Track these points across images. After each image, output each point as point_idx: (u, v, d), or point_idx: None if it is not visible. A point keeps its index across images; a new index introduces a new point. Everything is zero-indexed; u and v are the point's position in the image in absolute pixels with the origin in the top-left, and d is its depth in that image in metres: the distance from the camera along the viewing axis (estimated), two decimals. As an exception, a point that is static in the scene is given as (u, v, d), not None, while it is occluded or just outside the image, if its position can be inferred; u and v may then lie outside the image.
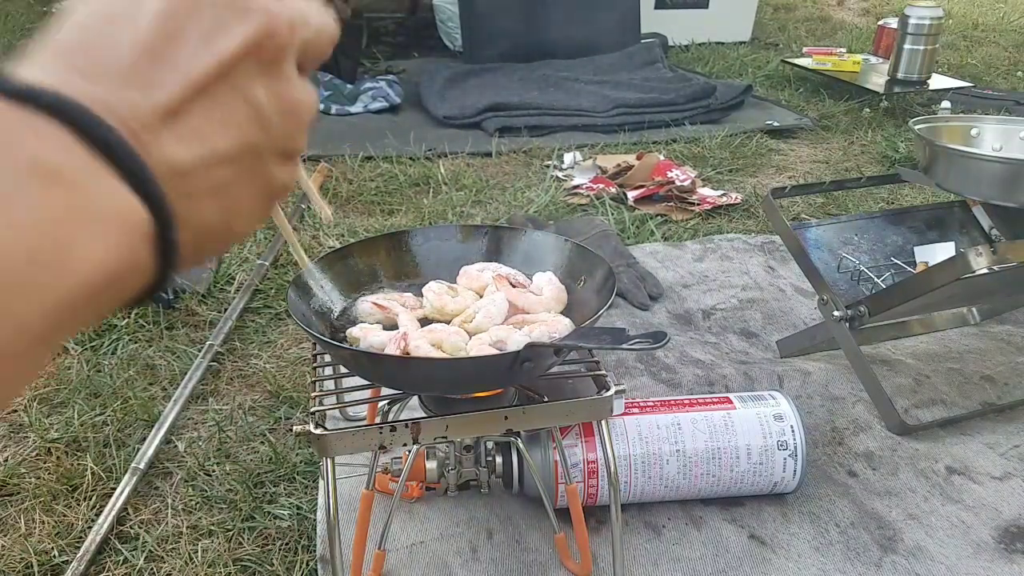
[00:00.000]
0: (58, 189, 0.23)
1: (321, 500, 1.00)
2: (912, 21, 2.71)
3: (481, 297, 0.82)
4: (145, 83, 0.26)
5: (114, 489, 1.02)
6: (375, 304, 0.80)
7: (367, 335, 0.76)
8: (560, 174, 2.15)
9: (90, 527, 0.96)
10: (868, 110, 2.73)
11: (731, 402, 0.99)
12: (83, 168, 0.24)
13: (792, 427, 0.97)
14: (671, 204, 1.97)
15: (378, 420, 0.83)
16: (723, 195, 2.01)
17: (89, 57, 0.26)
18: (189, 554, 0.94)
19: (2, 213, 0.22)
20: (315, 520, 0.98)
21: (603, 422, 0.79)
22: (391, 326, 0.79)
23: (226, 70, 0.28)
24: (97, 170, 0.24)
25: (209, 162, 0.28)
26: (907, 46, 2.74)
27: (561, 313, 0.80)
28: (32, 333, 0.23)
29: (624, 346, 0.62)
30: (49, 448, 1.10)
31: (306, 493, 1.03)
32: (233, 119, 0.29)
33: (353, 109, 2.64)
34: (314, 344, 0.84)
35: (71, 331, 0.24)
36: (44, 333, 0.23)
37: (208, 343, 1.32)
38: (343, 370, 0.82)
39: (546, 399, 0.76)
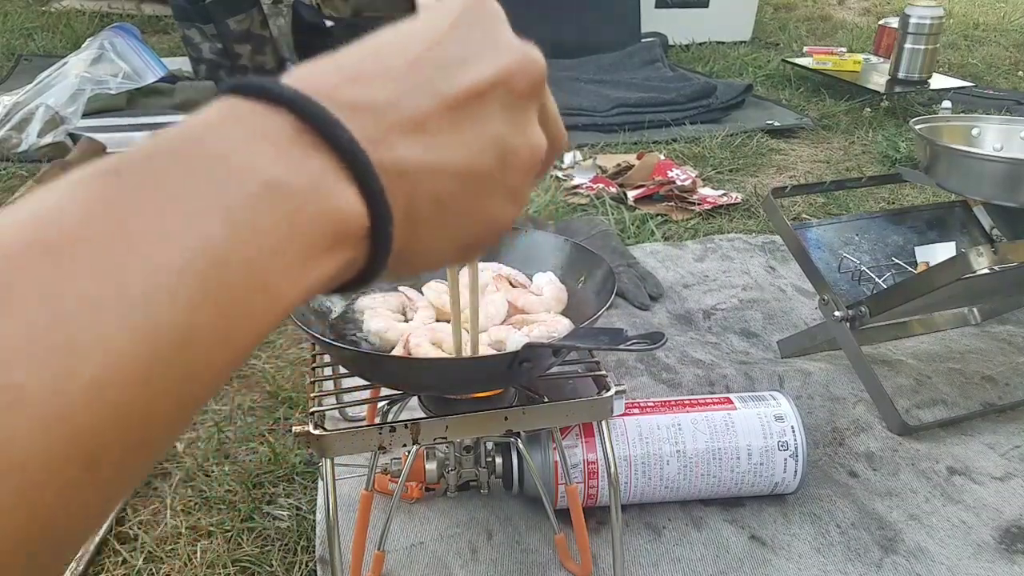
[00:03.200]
0: (284, 205, 0.24)
1: (320, 501, 1.00)
2: (913, 21, 2.71)
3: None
4: (402, 89, 0.27)
5: (113, 490, 1.02)
6: (405, 295, 0.81)
7: (372, 318, 0.76)
8: (560, 174, 2.15)
9: (89, 528, 0.96)
10: (869, 110, 2.72)
11: (732, 402, 0.99)
12: (307, 174, 0.24)
13: (793, 427, 0.97)
14: (671, 204, 1.96)
15: (378, 420, 0.83)
16: (723, 195, 2.01)
17: (354, 69, 0.27)
18: (188, 555, 0.94)
19: (232, 249, 0.22)
20: (314, 521, 0.98)
21: (603, 422, 0.79)
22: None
23: (477, 95, 0.29)
24: (320, 171, 0.25)
25: (435, 170, 0.28)
26: (908, 46, 2.74)
27: (561, 313, 0.80)
28: (242, 355, 0.23)
29: (622, 347, 0.62)
30: (48, 448, 1.10)
31: (305, 494, 1.03)
32: (471, 142, 0.30)
33: (353, 109, 2.64)
34: (313, 344, 0.84)
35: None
36: (248, 351, 0.24)
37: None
38: (342, 370, 0.82)
39: (546, 399, 0.76)
